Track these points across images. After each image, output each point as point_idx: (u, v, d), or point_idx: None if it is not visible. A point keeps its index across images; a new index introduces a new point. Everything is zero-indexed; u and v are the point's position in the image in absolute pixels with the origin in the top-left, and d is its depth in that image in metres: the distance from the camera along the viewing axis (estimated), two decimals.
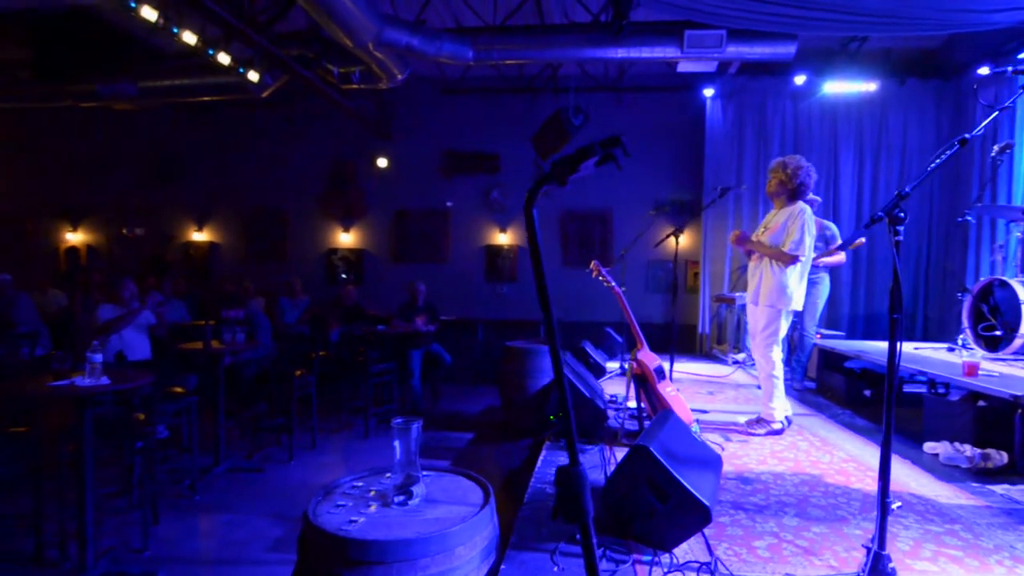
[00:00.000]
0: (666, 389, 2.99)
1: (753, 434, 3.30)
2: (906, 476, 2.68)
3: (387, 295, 8.09)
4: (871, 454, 3.00)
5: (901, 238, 1.65)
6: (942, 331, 5.80)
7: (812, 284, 4.63)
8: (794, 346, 4.91)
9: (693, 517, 1.77)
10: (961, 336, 4.08)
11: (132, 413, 3.47)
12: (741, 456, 2.91)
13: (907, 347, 4.35)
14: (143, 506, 3.25)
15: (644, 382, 2.99)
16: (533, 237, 0.97)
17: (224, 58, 4.95)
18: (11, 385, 3.07)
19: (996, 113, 1.88)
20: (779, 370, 3.34)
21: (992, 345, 3.83)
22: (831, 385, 4.38)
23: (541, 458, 2.85)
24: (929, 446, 3.06)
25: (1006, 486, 2.56)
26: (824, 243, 4.62)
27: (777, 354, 3.35)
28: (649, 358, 2.98)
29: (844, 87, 6.16)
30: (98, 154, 9.05)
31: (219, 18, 4.71)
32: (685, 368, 5.79)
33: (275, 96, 7.78)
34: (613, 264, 7.99)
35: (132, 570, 2.88)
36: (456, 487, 2.04)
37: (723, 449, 3.02)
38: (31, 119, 8.79)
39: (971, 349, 3.95)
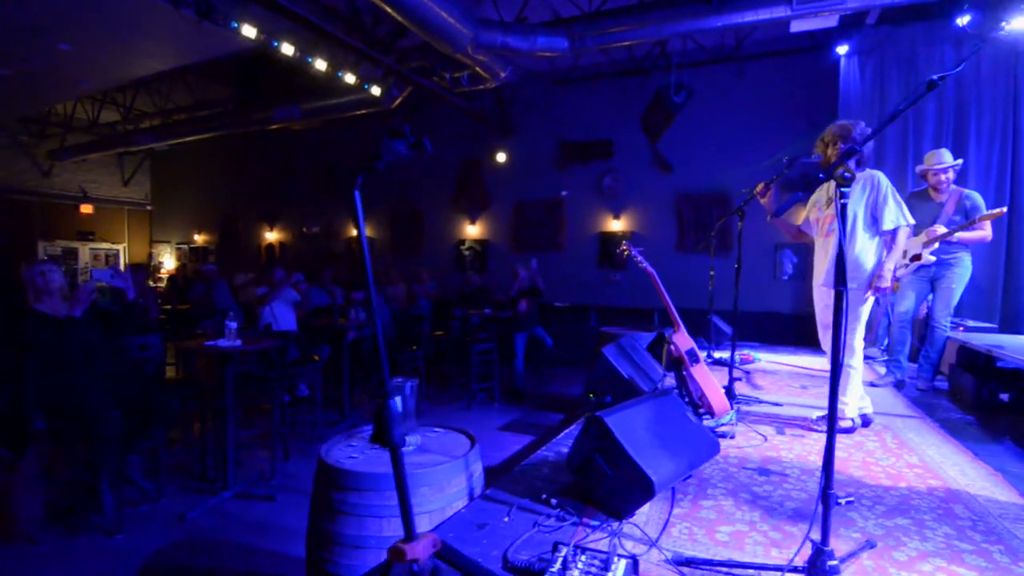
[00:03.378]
0: (698, 372, 2.90)
1: (816, 430, 3.02)
2: (983, 489, 2.27)
3: (509, 281, 8.64)
4: (955, 463, 2.56)
5: (847, 200, 1.51)
6: None
7: (947, 266, 3.93)
8: (921, 340, 4.21)
9: (638, 488, 1.83)
10: None
11: (270, 371, 4.41)
12: (780, 449, 2.72)
13: None
14: (275, 447, 4.17)
15: (680, 365, 2.95)
16: (357, 221, 1.22)
17: (350, 78, 5.81)
18: (183, 344, 4.15)
19: None
20: (858, 360, 2.99)
21: None
22: (962, 386, 3.69)
23: (565, 432, 3.00)
24: None
25: None
26: (963, 216, 3.87)
27: (859, 341, 3.00)
28: (683, 341, 2.92)
29: None
30: (283, 168, 11.10)
31: (347, 44, 5.57)
32: (789, 360, 5.30)
33: (407, 107, 8.78)
34: (731, 250, 7.48)
35: (258, 492, 3.75)
36: (453, 442, 2.35)
37: (765, 440, 2.84)
38: (237, 144, 11.11)
39: None
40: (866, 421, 3.08)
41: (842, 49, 5.89)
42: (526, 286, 6.56)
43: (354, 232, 10.56)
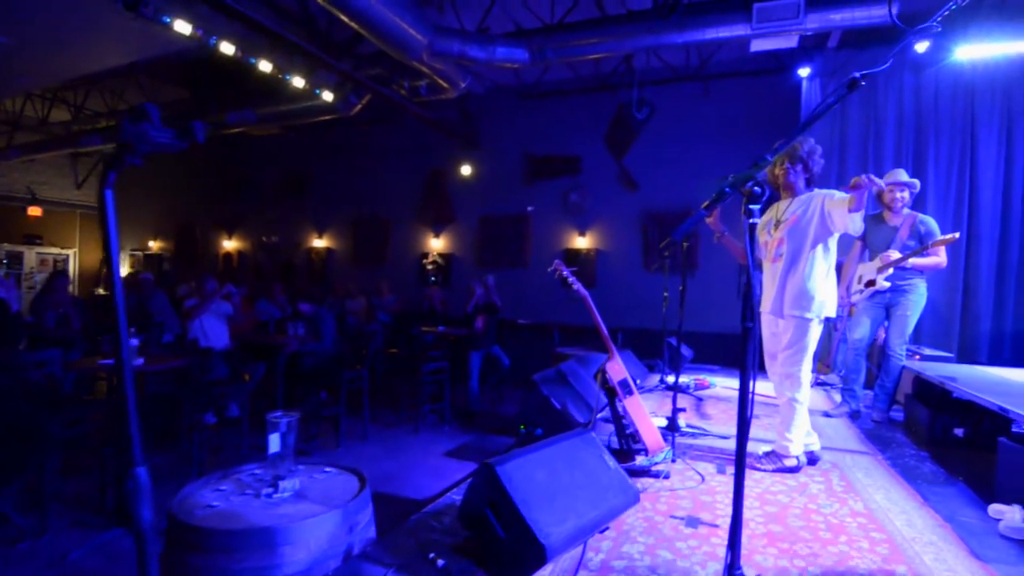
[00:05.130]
0: (631, 405, 2.67)
1: (758, 468, 2.80)
2: (929, 545, 2.06)
3: (467, 298, 8.39)
4: (903, 511, 2.35)
5: (756, 219, 1.30)
6: None
7: (902, 292, 3.79)
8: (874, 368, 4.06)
9: (531, 554, 1.57)
10: None
11: (187, 392, 4.06)
12: (717, 492, 2.48)
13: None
14: (189, 475, 3.81)
15: (613, 395, 2.71)
16: (107, 232, 0.95)
17: (299, 82, 5.55)
18: (78, 361, 3.79)
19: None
20: (804, 394, 2.79)
21: None
22: (917, 418, 3.52)
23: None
24: (995, 509, 2.31)
25: None
26: (918, 241, 3.74)
27: (805, 374, 2.80)
28: (616, 370, 2.69)
29: (986, 50, 4.93)
30: (244, 174, 10.74)
31: (299, 48, 5.32)
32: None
33: (373, 115, 8.55)
34: (696, 269, 7.35)
35: (163, 527, 3.38)
36: (340, 486, 2.06)
37: (702, 481, 2.61)
38: (196, 148, 10.67)
39: None
40: (812, 459, 2.88)
41: (804, 71, 5.84)
42: (482, 303, 6.32)
43: (316, 243, 10.22)
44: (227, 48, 4.82)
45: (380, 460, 4.91)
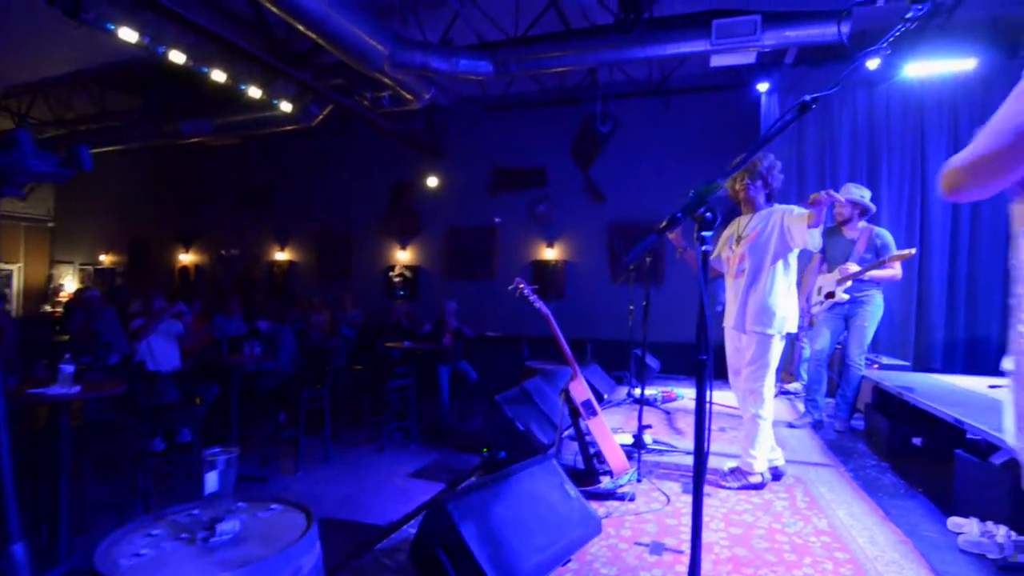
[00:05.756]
0: (595, 426, 2.61)
1: (724, 486, 2.77)
2: (892, 564, 2.05)
3: (439, 311, 8.26)
4: (865, 527, 2.35)
5: (708, 246, 1.25)
6: None
7: (860, 304, 3.85)
8: (833, 380, 4.12)
9: None
10: None
11: (131, 419, 3.82)
12: (682, 514, 2.44)
13: (980, 383, 3.40)
14: (135, 507, 3.56)
15: (577, 416, 2.64)
16: None
17: (255, 91, 5.38)
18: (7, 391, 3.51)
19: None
20: (768, 410, 2.78)
21: None
22: (877, 428, 3.57)
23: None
24: (955, 522, 2.33)
25: None
26: (874, 254, 3.83)
27: (768, 390, 2.79)
28: (579, 391, 2.63)
29: (933, 67, 5.11)
30: (201, 186, 10.37)
31: (256, 57, 5.15)
32: (713, 396, 5.12)
33: (336, 126, 8.38)
34: (663, 281, 7.41)
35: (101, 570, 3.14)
36: (284, 526, 1.92)
37: (667, 502, 2.56)
38: (151, 158, 10.32)
39: None
40: (776, 475, 2.87)
41: (763, 87, 5.97)
42: (453, 324, 6.22)
43: (278, 256, 9.93)
44: (177, 57, 4.63)
45: (341, 483, 4.72)
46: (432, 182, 8.68)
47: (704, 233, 1.29)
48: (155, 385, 4.06)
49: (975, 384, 3.45)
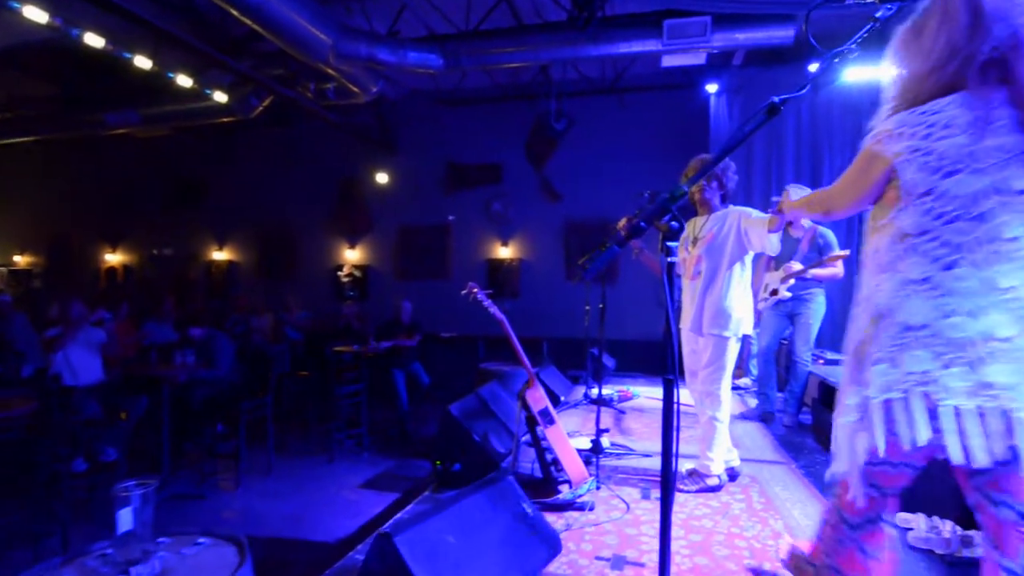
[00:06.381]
0: (553, 434, 2.52)
1: (683, 491, 2.75)
2: None
3: (391, 313, 8.01)
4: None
5: (676, 258, 1.18)
6: None
7: (803, 301, 3.95)
8: (782, 376, 4.22)
9: None
10: None
11: (42, 440, 3.45)
12: (642, 522, 2.39)
13: None
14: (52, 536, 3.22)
15: (534, 424, 2.55)
16: None
17: (185, 80, 4.99)
18: None
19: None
20: (724, 413, 2.77)
21: None
22: (823, 423, 3.67)
23: (397, 516, 2.47)
24: (902, 518, 2.38)
25: None
26: (817, 253, 3.93)
27: (725, 392, 2.78)
28: (536, 399, 2.54)
29: (868, 73, 5.33)
30: (130, 180, 9.65)
31: (187, 44, 4.77)
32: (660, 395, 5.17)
33: (279, 118, 7.96)
34: (617, 278, 7.45)
35: None
36: (213, 562, 1.73)
37: (627, 509, 2.51)
38: (73, 151, 9.51)
39: None
40: (732, 475, 2.87)
41: (712, 87, 6.07)
42: (407, 321, 6.01)
43: (217, 255, 9.37)
44: (94, 40, 4.21)
45: (286, 497, 4.46)
46: (383, 178, 8.40)
47: (669, 243, 1.21)
48: (73, 400, 3.68)
49: None
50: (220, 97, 5.61)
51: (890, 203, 1.33)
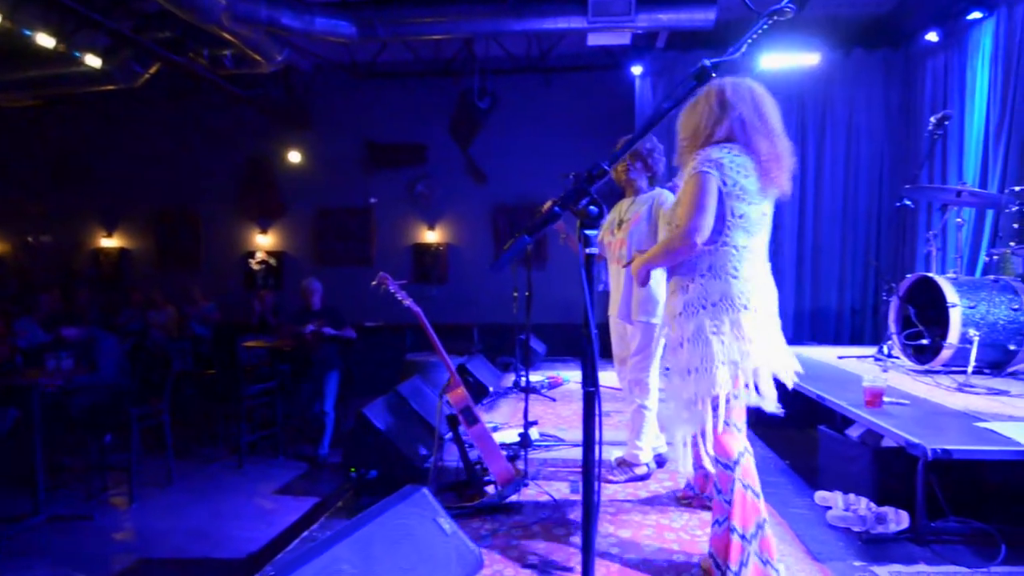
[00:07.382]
0: (476, 434, 2.35)
1: (612, 481, 2.68)
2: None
3: (299, 300, 7.49)
4: None
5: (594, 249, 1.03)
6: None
7: None
8: None
9: None
10: (887, 343, 3.45)
11: None
12: (572, 523, 2.28)
13: (830, 354, 3.72)
14: None
15: (456, 424, 2.36)
16: None
17: (47, 40, 4.26)
18: None
19: None
20: (653, 400, 2.71)
21: (921, 355, 3.21)
22: None
23: (302, 536, 2.21)
24: (821, 496, 2.44)
25: (897, 567, 1.93)
26: None
27: (654, 380, 2.71)
28: (457, 398, 2.35)
29: (783, 60, 5.48)
30: None
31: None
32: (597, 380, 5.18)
33: (171, 88, 7.14)
34: (546, 262, 7.38)
35: None
36: None
37: (555, 507, 2.40)
38: None
39: (897, 359, 3.33)
40: (660, 461, 2.84)
41: (636, 69, 6.03)
42: (317, 307, 5.46)
43: (105, 242, 8.36)
44: None
45: (190, 510, 4.03)
46: (296, 157, 7.78)
47: (588, 232, 1.04)
48: None
49: (825, 355, 3.76)
50: (93, 61, 4.88)
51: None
